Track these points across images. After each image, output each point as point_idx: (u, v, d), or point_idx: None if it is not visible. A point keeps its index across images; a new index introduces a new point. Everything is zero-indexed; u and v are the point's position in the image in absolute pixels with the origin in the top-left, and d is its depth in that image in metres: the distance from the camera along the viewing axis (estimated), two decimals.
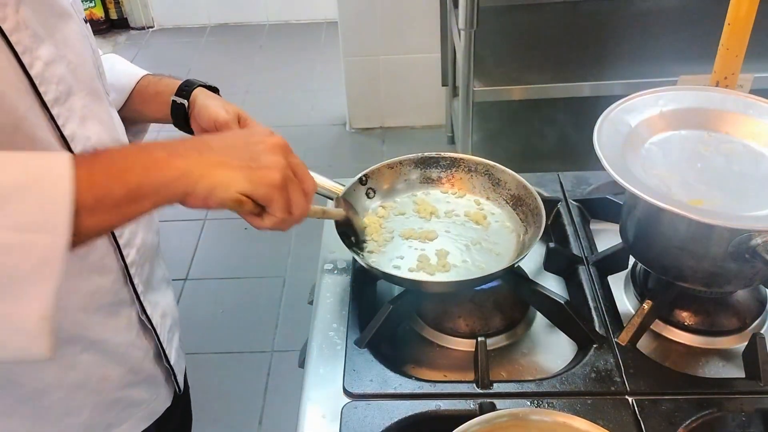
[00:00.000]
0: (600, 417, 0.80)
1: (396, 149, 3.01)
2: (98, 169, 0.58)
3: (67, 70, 0.71)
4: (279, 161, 0.65)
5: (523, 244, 0.98)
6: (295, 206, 0.67)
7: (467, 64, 1.93)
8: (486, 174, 1.08)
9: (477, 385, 0.85)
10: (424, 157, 1.09)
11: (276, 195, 0.65)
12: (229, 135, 0.70)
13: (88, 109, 0.74)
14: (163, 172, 0.60)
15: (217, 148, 0.64)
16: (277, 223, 0.67)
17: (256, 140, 0.67)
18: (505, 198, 1.06)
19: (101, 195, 0.57)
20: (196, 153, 0.62)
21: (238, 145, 0.66)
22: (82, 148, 0.71)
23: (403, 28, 2.83)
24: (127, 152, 0.64)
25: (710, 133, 0.95)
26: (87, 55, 0.77)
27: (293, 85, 3.50)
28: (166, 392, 0.93)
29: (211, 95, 0.95)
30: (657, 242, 0.89)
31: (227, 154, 0.64)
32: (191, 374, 1.07)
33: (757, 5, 1.08)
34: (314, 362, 0.90)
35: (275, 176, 0.64)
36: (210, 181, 0.61)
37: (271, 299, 2.34)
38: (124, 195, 0.58)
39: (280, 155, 0.66)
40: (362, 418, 0.81)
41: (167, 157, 0.61)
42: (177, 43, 4.00)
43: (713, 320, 0.94)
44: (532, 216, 1.00)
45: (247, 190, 0.63)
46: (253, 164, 0.64)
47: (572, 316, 0.91)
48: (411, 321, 0.98)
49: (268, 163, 0.65)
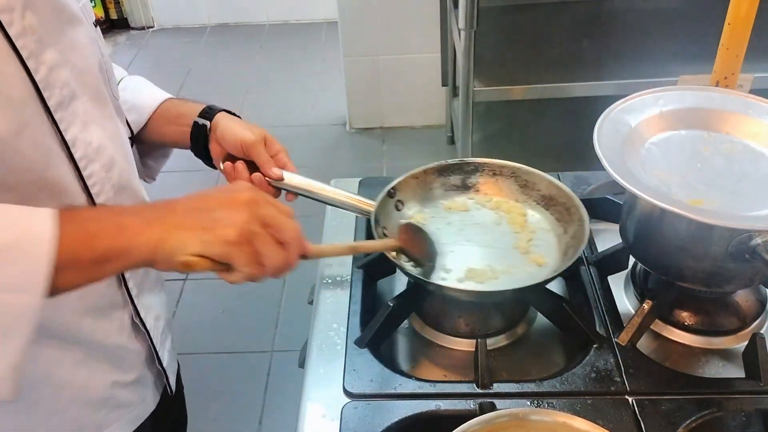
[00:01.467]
0: (600, 417, 0.80)
1: (396, 149, 3.01)
2: (73, 231, 0.60)
3: (72, 74, 0.71)
4: (238, 218, 0.65)
5: (566, 245, 0.96)
6: (266, 258, 0.67)
7: (467, 64, 1.93)
8: (512, 176, 1.06)
9: (477, 385, 0.85)
10: (448, 164, 1.07)
11: (234, 251, 0.65)
12: (196, 197, 0.70)
13: (90, 114, 0.74)
14: (129, 238, 0.62)
15: (180, 211, 0.66)
16: (247, 277, 0.67)
17: (220, 198, 0.67)
18: (535, 199, 1.04)
19: (72, 258, 0.60)
20: (160, 218, 0.64)
21: (202, 207, 0.67)
22: (83, 152, 0.72)
23: (403, 28, 2.83)
24: (99, 216, 0.65)
25: (710, 133, 0.95)
26: (94, 60, 0.77)
27: (293, 85, 3.50)
28: (155, 394, 0.92)
29: (234, 118, 0.97)
30: (657, 242, 0.89)
31: (186, 216, 0.65)
32: (191, 374, 1.07)
33: (757, 5, 1.07)
34: (314, 362, 0.90)
35: (230, 233, 0.64)
36: (168, 245, 0.63)
37: (271, 299, 2.34)
38: (93, 259, 0.61)
39: (243, 211, 0.66)
40: (362, 418, 0.81)
41: (135, 223, 0.63)
42: (177, 43, 4.00)
43: (713, 320, 0.94)
44: (568, 214, 0.98)
45: (201, 251, 0.64)
46: (207, 224, 0.65)
47: (572, 316, 0.91)
48: (411, 321, 0.98)
49: (225, 221, 0.65)
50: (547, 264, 0.95)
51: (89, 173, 0.73)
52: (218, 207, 0.66)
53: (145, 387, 0.90)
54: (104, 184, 0.75)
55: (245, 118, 0.98)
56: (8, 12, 0.63)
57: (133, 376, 0.86)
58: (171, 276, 0.98)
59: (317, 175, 1.01)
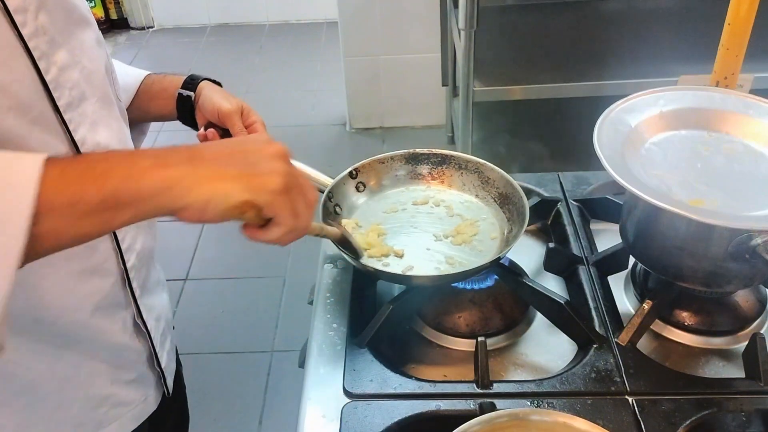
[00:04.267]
0: (600, 417, 0.80)
1: (396, 149, 3.00)
2: (73, 171, 0.55)
3: (81, 75, 0.72)
4: (280, 167, 0.62)
5: (507, 241, 0.98)
6: (300, 214, 0.64)
7: (467, 64, 1.93)
8: (476, 172, 1.08)
9: (477, 385, 0.85)
10: (415, 153, 1.10)
11: (280, 201, 0.61)
12: (223, 143, 0.67)
13: (98, 114, 0.74)
14: (146, 182, 0.56)
15: (211, 157, 0.60)
16: (283, 233, 0.64)
17: (253, 147, 0.63)
18: (493, 196, 1.06)
19: (73, 199, 0.54)
20: (187, 164, 0.58)
21: (234, 153, 0.62)
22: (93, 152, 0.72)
23: (403, 28, 2.83)
24: (108, 156, 0.60)
25: (710, 133, 0.95)
26: (101, 61, 0.77)
27: (293, 85, 3.50)
28: (156, 394, 0.93)
29: (215, 88, 0.99)
30: (657, 242, 0.89)
31: (222, 163, 0.60)
32: (191, 374, 1.07)
33: (757, 5, 1.07)
34: (314, 362, 0.90)
35: (277, 181, 0.60)
36: (204, 194, 0.57)
37: (271, 299, 2.34)
38: (98, 201, 0.55)
39: (280, 161, 0.62)
40: (362, 418, 0.81)
41: (153, 165, 0.57)
42: (177, 43, 4.00)
43: (713, 320, 0.94)
44: (518, 214, 1.00)
45: (249, 198, 0.59)
46: (252, 171, 0.60)
47: (572, 316, 0.91)
48: (411, 321, 0.98)
49: (269, 169, 0.61)
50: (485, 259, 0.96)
51: None
52: (254, 155, 0.62)
53: (147, 386, 0.90)
54: None
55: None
56: (22, 13, 0.63)
57: (134, 375, 0.86)
58: (171, 276, 0.98)
59: None
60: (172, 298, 2.36)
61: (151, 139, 3.10)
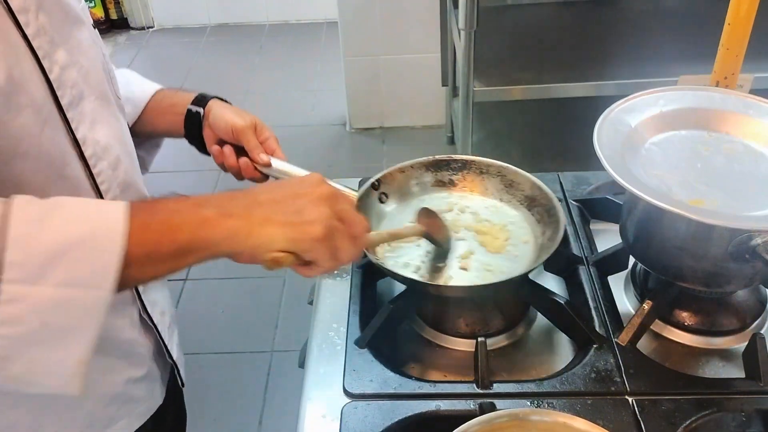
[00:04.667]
0: (600, 417, 0.80)
1: (396, 149, 3.01)
2: (151, 224, 0.60)
3: (79, 74, 0.72)
4: (322, 213, 0.66)
5: (541, 247, 0.97)
6: (342, 252, 0.68)
7: (467, 64, 1.93)
8: (498, 175, 1.06)
9: (477, 385, 0.85)
10: (435, 160, 1.08)
11: (319, 248, 0.66)
12: (276, 186, 0.70)
13: (97, 112, 0.75)
14: (213, 231, 0.62)
15: (265, 202, 0.65)
16: (323, 271, 0.69)
17: (301, 192, 0.67)
18: (518, 199, 1.05)
19: (151, 250, 0.60)
20: (246, 211, 0.64)
21: (285, 199, 0.66)
22: (92, 151, 0.73)
23: (403, 28, 2.83)
24: (179, 208, 0.64)
25: (710, 133, 0.95)
26: (98, 60, 0.78)
27: (293, 85, 3.50)
28: (162, 389, 0.94)
29: (226, 105, 0.99)
30: (657, 242, 0.89)
31: (271, 210, 0.65)
32: (191, 374, 1.07)
33: (757, 5, 1.07)
34: (314, 362, 0.90)
35: (317, 230, 0.65)
36: (254, 241, 0.63)
37: (271, 299, 2.34)
38: (173, 252, 0.61)
39: (325, 206, 0.66)
40: (362, 418, 0.81)
41: (218, 216, 0.63)
42: (177, 43, 4.00)
43: (713, 320, 0.94)
44: (548, 215, 0.99)
45: (289, 247, 0.64)
46: (296, 219, 0.65)
47: (572, 316, 0.91)
48: (411, 321, 0.98)
49: (312, 217, 0.65)
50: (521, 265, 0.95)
51: (98, 171, 0.74)
52: (301, 201, 0.66)
53: (154, 381, 0.91)
54: (111, 182, 0.76)
55: None
56: (24, 13, 0.64)
57: (144, 371, 0.87)
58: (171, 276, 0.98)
59: None
60: (172, 298, 2.36)
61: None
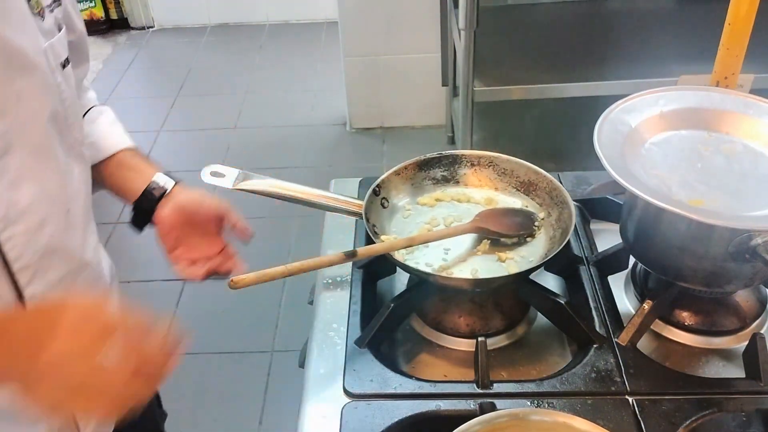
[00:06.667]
0: (600, 417, 0.80)
1: (396, 149, 3.01)
2: None
3: (12, 126, 0.67)
4: (114, 378, 0.62)
5: (552, 228, 0.99)
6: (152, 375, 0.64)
7: (467, 64, 1.93)
8: (490, 166, 1.08)
9: (477, 385, 0.85)
10: (426, 159, 1.09)
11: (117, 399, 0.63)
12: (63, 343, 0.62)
13: (26, 169, 0.70)
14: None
15: (48, 371, 0.61)
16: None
17: (87, 347, 0.62)
18: (515, 186, 1.06)
19: None
20: (26, 377, 0.61)
21: (70, 363, 0.61)
22: (4, 213, 0.68)
23: (403, 28, 2.83)
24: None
25: (710, 133, 0.95)
26: (43, 111, 0.72)
27: (293, 85, 3.50)
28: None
29: (195, 189, 0.95)
30: (657, 242, 0.89)
31: (54, 381, 0.61)
32: (191, 374, 1.07)
33: (757, 5, 1.08)
34: (314, 362, 0.90)
35: (110, 395, 0.63)
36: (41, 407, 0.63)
37: (271, 299, 2.34)
38: None
39: (117, 372, 0.62)
40: (362, 418, 0.81)
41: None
42: (177, 43, 3.99)
43: (713, 320, 0.94)
44: (550, 198, 1.00)
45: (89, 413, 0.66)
46: (84, 392, 0.62)
47: (572, 316, 0.91)
48: (411, 321, 0.98)
49: (100, 385, 0.62)
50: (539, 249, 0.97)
51: (7, 236, 0.69)
52: (89, 362, 0.61)
53: None
54: (25, 248, 0.71)
55: (245, 118, 0.99)
56: None
57: None
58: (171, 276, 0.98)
59: (317, 175, 1.02)
60: (172, 298, 2.36)
61: (151, 138, 3.11)
